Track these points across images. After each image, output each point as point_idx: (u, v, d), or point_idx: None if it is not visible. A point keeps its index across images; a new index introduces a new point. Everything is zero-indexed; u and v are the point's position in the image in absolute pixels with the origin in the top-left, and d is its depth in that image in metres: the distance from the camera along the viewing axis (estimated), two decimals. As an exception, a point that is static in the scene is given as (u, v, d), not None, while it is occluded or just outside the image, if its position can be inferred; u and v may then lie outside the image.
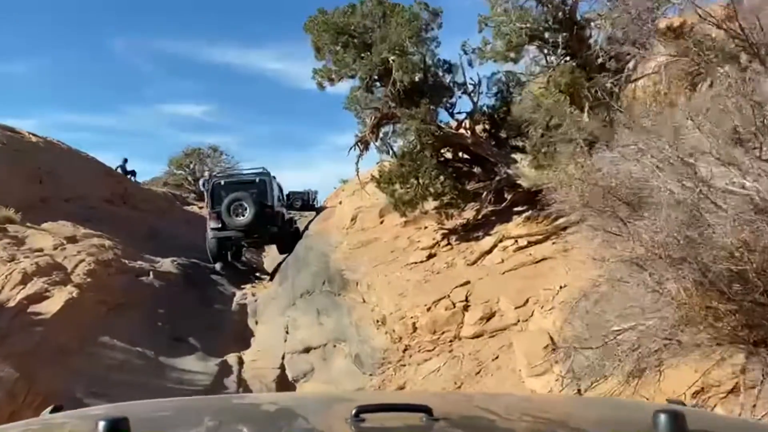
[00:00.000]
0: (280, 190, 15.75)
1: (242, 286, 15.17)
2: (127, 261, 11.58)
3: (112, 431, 1.08)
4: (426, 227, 11.68)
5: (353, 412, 1.20)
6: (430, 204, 11.14)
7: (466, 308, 8.17)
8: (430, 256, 10.29)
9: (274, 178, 14.91)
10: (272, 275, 16.47)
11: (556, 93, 8.92)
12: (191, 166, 40.54)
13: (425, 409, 1.22)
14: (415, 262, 10.28)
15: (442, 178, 10.34)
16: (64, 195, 17.66)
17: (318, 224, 16.86)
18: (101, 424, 1.07)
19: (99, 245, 11.68)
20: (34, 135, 21.92)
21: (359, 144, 10.40)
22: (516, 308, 7.70)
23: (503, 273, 8.75)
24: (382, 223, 12.75)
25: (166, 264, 13.32)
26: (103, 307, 8.87)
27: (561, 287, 7.64)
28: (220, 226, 13.20)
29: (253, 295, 13.75)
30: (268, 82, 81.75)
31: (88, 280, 9.28)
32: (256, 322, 12.21)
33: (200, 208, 28.92)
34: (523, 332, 7.26)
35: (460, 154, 10.78)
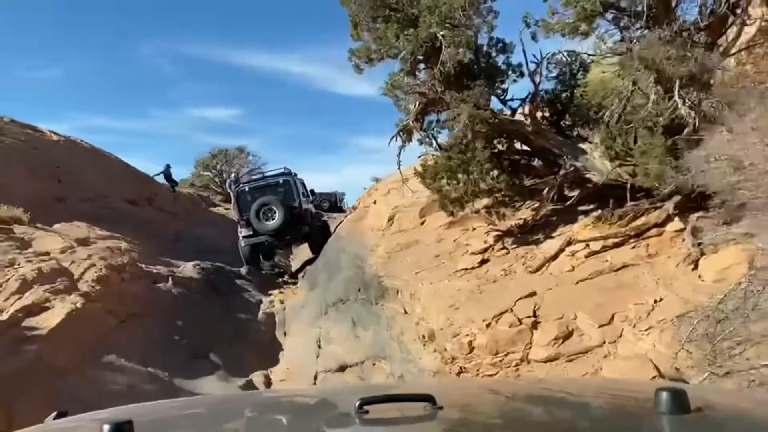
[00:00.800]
0: (304, 186, 15.38)
1: (269, 292, 14.08)
2: (143, 265, 10.51)
3: None
4: (474, 229, 10.36)
5: (357, 404, 1.19)
6: (481, 202, 9.83)
7: (534, 325, 6.84)
8: (482, 262, 8.98)
9: (296, 175, 14.55)
10: (299, 277, 15.38)
11: (636, 70, 7.54)
12: (218, 167, 39.91)
13: (428, 398, 1.23)
14: (466, 269, 8.97)
15: (495, 172, 9.04)
16: (83, 195, 16.85)
17: (350, 225, 15.63)
18: (105, 428, 1.08)
19: (114, 248, 10.64)
20: (55, 134, 21.28)
21: (401, 134, 9.15)
22: (599, 327, 6.34)
23: (576, 283, 7.39)
24: (423, 224, 11.47)
25: (188, 268, 12.25)
26: (111, 319, 7.78)
27: (656, 301, 6.27)
28: (251, 232, 13.19)
29: (282, 302, 12.60)
30: (293, 86, 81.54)
31: (97, 287, 8.21)
32: (285, 334, 11.04)
33: (226, 209, 28.17)
34: (613, 358, 5.91)
35: (517, 144, 9.44)
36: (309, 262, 16.24)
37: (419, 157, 10.36)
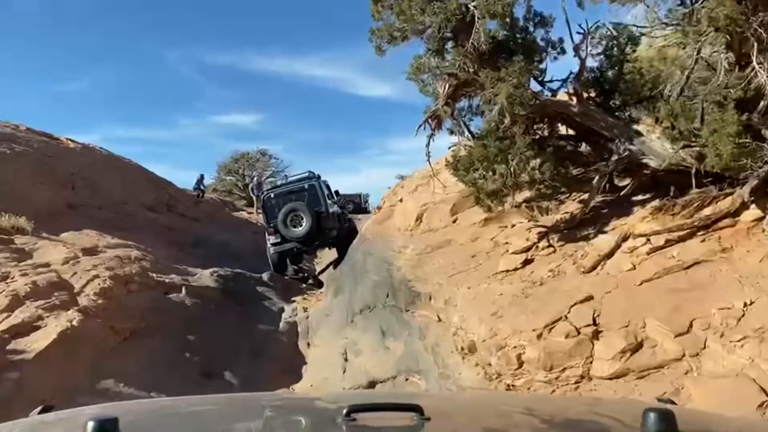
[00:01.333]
0: (329, 188, 15.15)
1: (292, 299, 13.27)
2: (155, 275, 9.75)
3: (102, 430, 1.05)
4: (514, 225, 9.36)
5: (345, 411, 1.18)
6: (522, 195, 8.85)
7: (595, 335, 5.83)
8: (526, 262, 7.98)
9: (319, 178, 14.36)
10: (324, 281, 14.64)
11: (702, 35, 6.48)
12: (240, 171, 39.47)
13: (416, 409, 1.20)
14: (507, 271, 7.99)
15: (537, 160, 8.02)
16: (98, 202, 16.29)
17: (375, 226, 14.72)
18: (90, 425, 1.06)
19: (123, 257, 9.91)
20: (72, 141, 20.86)
21: (430, 121, 8.20)
22: (676, 336, 5.32)
23: (640, 284, 6.37)
24: (455, 221, 10.50)
25: (204, 276, 11.48)
26: (112, 337, 7.00)
27: (747, 304, 5.22)
28: (279, 240, 13.05)
29: (305, 310, 11.76)
30: (314, 89, 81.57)
31: (99, 301, 7.45)
32: (309, 345, 10.18)
33: (249, 213, 27.58)
34: (698, 375, 4.88)
35: (562, 129, 8.43)
36: (335, 264, 15.52)
37: (450, 147, 9.41)
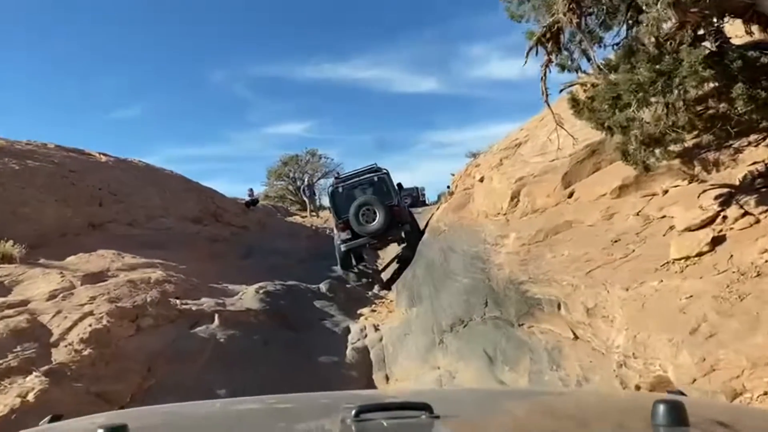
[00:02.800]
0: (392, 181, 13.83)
1: (359, 312, 10.78)
2: (179, 301, 7.41)
3: None
4: (666, 191, 6.49)
5: (354, 412, 1.19)
6: (681, 145, 5.94)
7: None
8: (715, 242, 5.12)
9: (386, 170, 13.28)
10: (389, 282, 12.73)
11: None
12: (291, 174, 37.45)
13: (425, 407, 1.20)
14: (687, 258, 5.15)
15: (711, 85, 5.18)
16: (129, 217, 14.30)
17: (451, 214, 12.02)
18: None
19: (139, 281, 7.64)
20: (105, 155, 19.10)
21: (544, 42, 5.46)
22: None
23: None
24: (571, 195, 7.69)
25: (248, 296, 9.11)
26: (96, 410, 4.60)
27: None
28: (350, 236, 12.13)
29: (376, 328, 9.20)
30: (361, 91, 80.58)
31: (85, 352, 5.13)
32: (387, 379, 7.60)
33: (302, 217, 25.46)
34: None
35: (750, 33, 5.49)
36: (398, 260, 13.52)
37: (562, 90, 6.61)
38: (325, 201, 20.94)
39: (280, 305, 9.05)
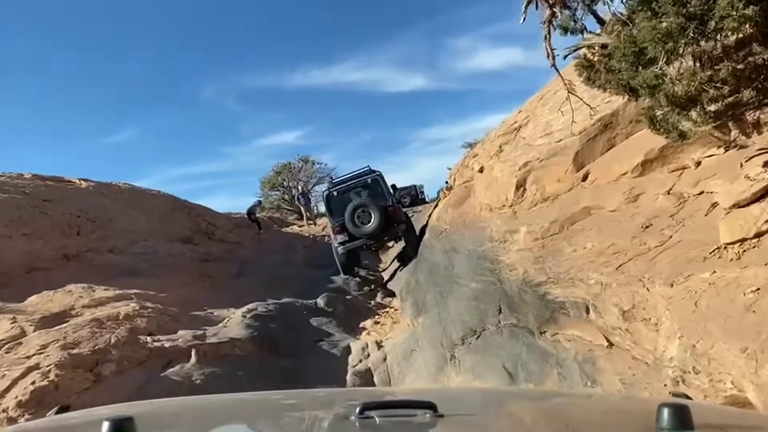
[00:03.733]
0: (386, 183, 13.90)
1: (361, 326, 9.85)
2: (150, 339, 6.47)
3: (117, 431, 1.02)
4: (699, 163, 5.53)
5: (358, 409, 1.18)
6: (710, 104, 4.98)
7: None
8: (775, 220, 4.16)
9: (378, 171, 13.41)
10: (396, 293, 11.81)
11: None
12: (285, 183, 36.41)
13: (430, 406, 1.19)
14: (743, 240, 4.20)
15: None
16: (109, 244, 13.41)
17: (451, 211, 11.09)
18: (105, 425, 1.03)
19: (106, 319, 6.72)
20: (85, 181, 18.26)
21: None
22: None
23: None
24: (585, 178, 6.73)
25: (233, 322, 8.18)
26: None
27: None
28: (347, 238, 12.31)
29: (379, 345, 8.24)
30: (353, 93, 79.68)
31: (23, 418, 4.18)
32: (394, 405, 6.62)
33: (300, 227, 24.55)
34: None
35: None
36: (400, 258, 13.10)
37: (565, 57, 5.66)
38: (323, 207, 20.75)
39: (269, 330, 8.11)
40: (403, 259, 12.77)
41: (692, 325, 3.82)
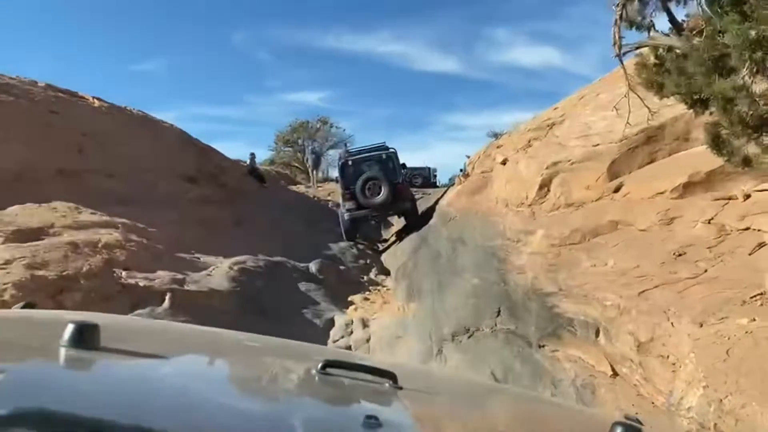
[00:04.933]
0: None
1: (350, 299, 9.46)
2: (125, 273, 6.05)
3: (81, 335, 0.99)
4: (748, 195, 5.00)
5: (320, 365, 1.18)
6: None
7: None
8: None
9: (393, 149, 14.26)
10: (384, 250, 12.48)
11: None
12: (300, 141, 35.75)
13: (391, 376, 1.20)
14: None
15: None
16: (110, 168, 12.93)
17: (463, 199, 10.59)
18: (70, 327, 1.00)
19: (84, 243, 6.30)
20: (98, 99, 17.74)
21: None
22: None
23: None
24: (618, 190, 6.20)
25: (219, 272, 7.78)
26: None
27: None
28: (355, 206, 13.07)
29: (365, 324, 7.83)
30: (382, 65, 78.72)
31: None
32: (369, 391, 6.22)
33: (307, 187, 24.11)
34: None
35: None
36: (399, 235, 13.47)
37: (624, 53, 5.08)
38: (332, 172, 21.03)
39: (254, 287, 7.70)
40: (401, 235, 13.32)
41: (721, 375, 3.35)
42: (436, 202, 13.63)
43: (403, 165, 15.31)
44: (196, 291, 6.45)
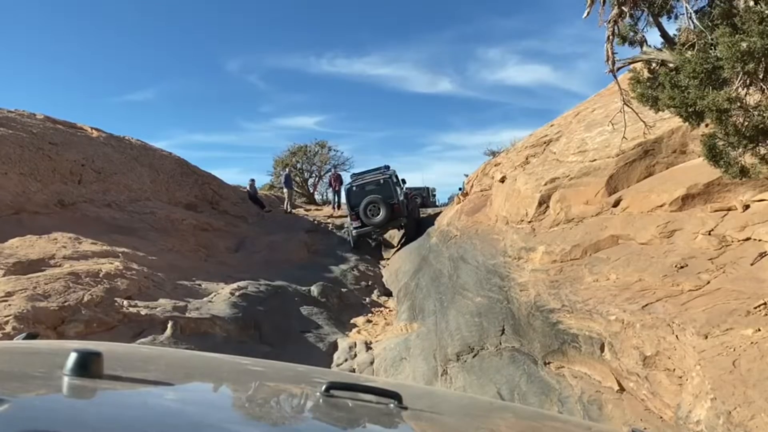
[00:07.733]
0: (397, 177, 16.65)
1: (352, 321, 9.41)
2: (127, 303, 6.02)
3: (84, 364, 0.99)
4: (748, 206, 5.01)
5: (324, 387, 1.19)
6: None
7: None
8: (838, 281, 3.65)
9: (394, 171, 16.38)
10: (394, 292, 11.60)
11: None
12: (298, 165, 35.90)
13: (395, 396, 1.19)
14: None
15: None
16: (109, 198, 12.98)
17: (464, 218, 10.59)
18: (73, 355, 1.00)
19: (87, 274, 6.28)
20: (97, 130, 17.84)
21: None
22: None
23: None
24: (617, 204, 6.21)
25: (220, 298, 7.73)
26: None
27: None
28: (360, 224, 15.32)
29: (368, 347, 7.78)
30: (376, 88, 79.42)
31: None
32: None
33: (307, 210, 24.06)
34: None
35: None
36: (400, 245, 14.65)
37: (619, 69, 5.14)
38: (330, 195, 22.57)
39: (256, 312, 7.66)
40: (399, 245, 15.28)
41: (729, 387, 3.32)
42: (430, 217, 15.68)
43: (403, 180, 17.46)
44: (197, 318, 6.42)
